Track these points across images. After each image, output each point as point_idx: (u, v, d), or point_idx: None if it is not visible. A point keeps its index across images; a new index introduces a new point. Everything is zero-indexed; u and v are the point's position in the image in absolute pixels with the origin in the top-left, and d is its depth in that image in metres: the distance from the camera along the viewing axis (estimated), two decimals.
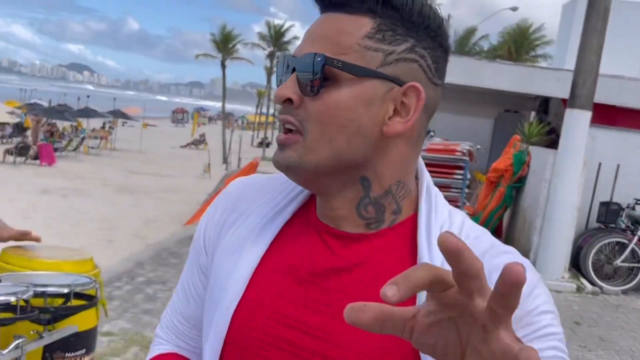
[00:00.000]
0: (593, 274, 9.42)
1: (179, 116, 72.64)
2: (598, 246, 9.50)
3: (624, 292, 9.39)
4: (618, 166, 10.29)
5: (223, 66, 35.19)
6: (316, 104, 0.93)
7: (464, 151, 9.40)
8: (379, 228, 0.99)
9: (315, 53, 0.92)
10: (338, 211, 0.99)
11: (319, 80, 0.91)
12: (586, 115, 9.06)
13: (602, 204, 9.99)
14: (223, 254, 1.06)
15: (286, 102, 0.95)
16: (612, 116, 11.79)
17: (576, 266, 9.68)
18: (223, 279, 1.04)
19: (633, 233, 9.54)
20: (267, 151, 33.83)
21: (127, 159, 27.24)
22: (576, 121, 9.07)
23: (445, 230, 0.87)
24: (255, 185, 1.12)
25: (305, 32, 0.99)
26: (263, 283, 1.01)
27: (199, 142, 37.71)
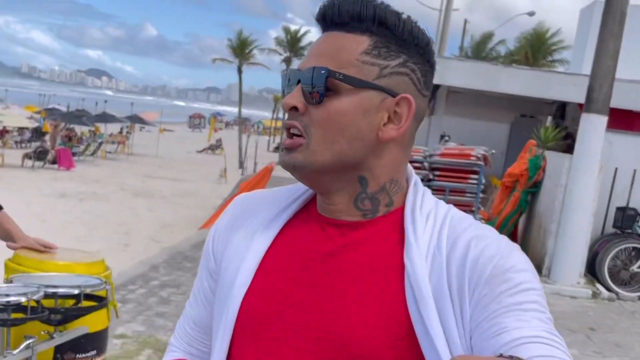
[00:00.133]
0: (609, 280, 9.36)
1: (196, 121, 72.92)
2: (614, 252, 9.43)
3: None
4: (635, 171, 10.21)
5: (240, 71, 35.27)
6: (320, 112, 1.04)
7: (479, 156, 9.38)
8: (374, 217, 1.11)
9: (319, 67, 1.03)
10: (338, 205, 1.11)
11: (323, 90, 1.03)
12: (602, 120, 9.01)
13: (619, 209, 9.92)
14: (231, 253, 1.16)
15: (292, 110, 1.06)
16: (629, 121, 11.71)
17: (592, 272, 9.61)
18: (232, 273, 1.14)
19: None
20: None
21: (144, 164, 27.39)
22: (592, 126, 9.02)
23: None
24: (260, 196, 1.25)
25: (309, 48, 1.10)
26: (270, 269, 1.12)
27: (216, 147, 37.79)
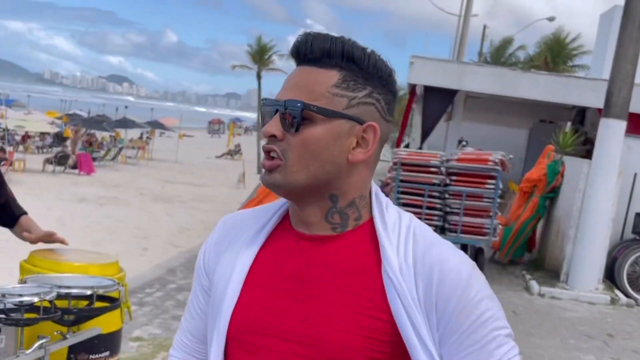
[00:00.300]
0: (628, 286, 9.27)
1: (215, 127, 73.04)
2: (633, 257, 9.35)
3: None
4: None
5: (259, 77, 35.32)
6: (296, 139, 1.17)
7: (497, 161, 9.32)
8: (344, 231, 1.23)
9: (295, 100, 1.16)
10: (310, 218, 1.23)
11: (299, 120, 1.16)
12: (621, 124, 8.95)
13: (638, 215, 9.81)
14: (221, 271, 1.29)
15: (271, 137, 1.19)
16: None
17: (610, 278, 9.53)
18: (222, 288, 1.26)
19: None
20: None
21: (164, 169, 27.53)
22: (611, 131, 8.96)
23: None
24: (240, 217, 1.37)
25: (285, 80, 1.23)
26: (254, 284, 1.24)
27: (234, 153, 37.84)
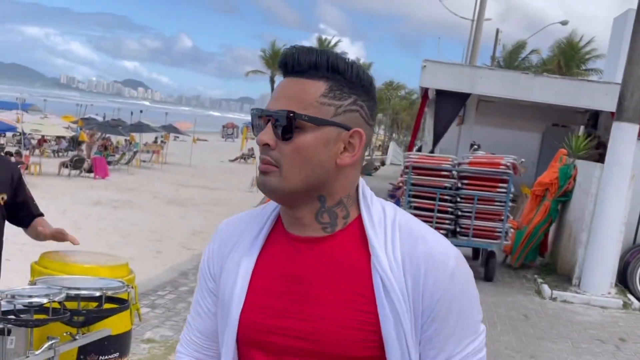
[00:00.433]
0: None
1: (229, 131, 73.10)
2: None
3: None
4: None
5: (272, 82, 35.49)
6: (289, 146, 1.26)
7: (508, 164, 9.32)
8: (334, 231, 1.33)
9: (287, 110, 1.25)
10: (302, 219, 1.33)
11: (291, 129, 1.25)
12: (634, 128, 8.92)
13: None
14: (226, 275, 1.39)
15: (265, 145, 1.28)
16: None
17: (623, 282, 9.49)
18: (228, 293, 1.36)
19: None
20: None
21: (178, 173, 27.62)
22: (624, 134, 8.92)
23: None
24: (238, 221, 1.45)
25: (274, 90, 1.32)
26: (257, 288, 1.34)
27: (248, 156, 37.92)
